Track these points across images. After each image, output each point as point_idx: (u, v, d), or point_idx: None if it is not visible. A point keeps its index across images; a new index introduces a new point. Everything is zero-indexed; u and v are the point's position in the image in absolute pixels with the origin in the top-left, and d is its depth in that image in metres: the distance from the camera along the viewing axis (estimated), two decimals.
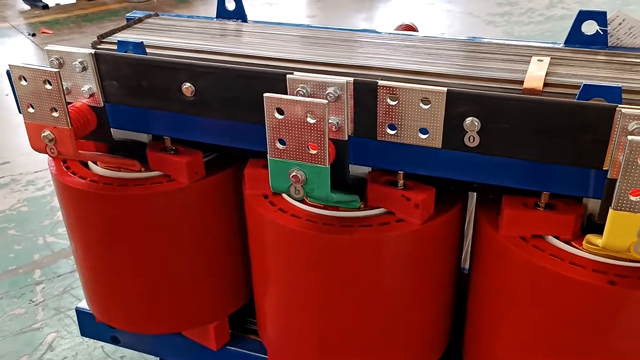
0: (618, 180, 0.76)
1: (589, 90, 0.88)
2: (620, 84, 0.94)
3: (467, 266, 1.26)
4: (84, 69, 1.06)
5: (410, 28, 1.50)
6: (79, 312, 1.52)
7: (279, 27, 1.35)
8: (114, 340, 1.52)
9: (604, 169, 0.85)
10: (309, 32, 1.31)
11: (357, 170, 1.09)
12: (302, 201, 1.10)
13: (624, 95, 0.94)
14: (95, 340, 1.81)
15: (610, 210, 0.78)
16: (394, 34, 1.32)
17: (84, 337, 1.80)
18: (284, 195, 1.13)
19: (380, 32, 1.32)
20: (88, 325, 1.52)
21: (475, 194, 1.17)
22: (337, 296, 1.10)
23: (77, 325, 1.60)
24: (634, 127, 0.79)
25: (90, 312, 1.45)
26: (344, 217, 1.07)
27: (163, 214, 1.22)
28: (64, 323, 1.91)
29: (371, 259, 1.05)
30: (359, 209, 1.08)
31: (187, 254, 1.28)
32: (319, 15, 5.71)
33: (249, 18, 1.41)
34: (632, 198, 0.76)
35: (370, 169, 1.10)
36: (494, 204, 1.08)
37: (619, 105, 0.81)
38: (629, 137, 0.73)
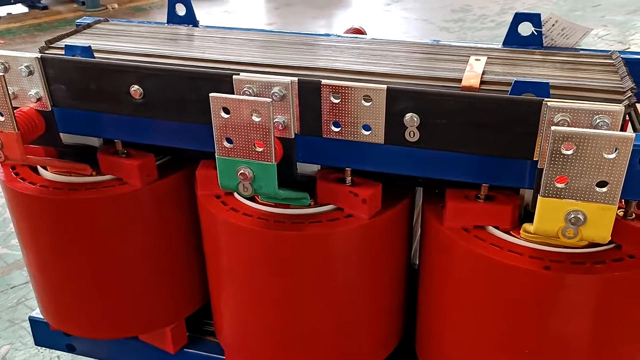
0: (545, 169, 0.81)
1: (520, 86, 0.94)
2: (550, 81, 0.99)
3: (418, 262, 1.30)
4: (31, 73, 1.06)
5: (359, 31, 1.54)
6: (33, 321, 1.50)
7: (230, 31, 1.37)
8: (70, 349, 1.50)
9: (534, 159, 0.90)
10: (258, 35, 1.33)
11: (307, 168, 1.12)
12: (254, 200, 1.13)
13: (554, 91, 0.99)
14: (51, 351, 1.78)
15: (539, 197, 0.83)
16: (342, 36, 1.36)
17: (39, 348, 1.77)
18: (236, 195, 1.15)
19: (329, 35, 1.36)
20: (42, 334, 1.50)
21: (421, 189, 1.22)
22: (290, 293, 1.12)
23: (32, 337, 1.57)
24: (559, 119, 0.84)
25: (45, 320, 1.43)
26: (295, 214, 1.09)
27: (116, 218, 1.22)
28: (19, 335, 1.88)
29: (322, 254, 1.08)
30: (309, 206, 1.10)
31: (141, 257, 1.28)
32: (278, 22, 5.75)
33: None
34: (558, 185, 0.81)
35: (319, 166, 1.13)
36: (439, 198, 1.12)
37: (546, 99, 0.86)
38: (552, 128, 0.78)
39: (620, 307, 0.96)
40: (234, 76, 0.97)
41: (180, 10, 1.42)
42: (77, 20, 1.44)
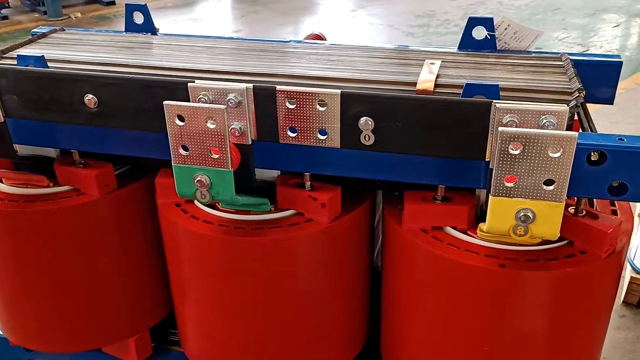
0: (494, 168, 0.83)
1: (471, 89, 0.96)
2: (501, 83, 1.02)
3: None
4: None
5: (319, 37, 1.55)
6: None
7: (188, 39, 1.37)
8: None
9: (486, 160, 0.92)
10: (217, 43, 1.33)
11: (267, 174, 1.12)
12: (214, 207, 1.12)
13: (505, 93, 1.02)
14: None
15: (490, 197, 0.85)
16: (301, 42, 1.37)
17: None
18: (196, 203, 1.14)
19: (289, 42, 1.36)
20: (2, 350, 1.46)
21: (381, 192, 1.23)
22: (252, 299, 1.12)
23: None
24: (508, 120, 0.86)
25: (3, 335, 1.40)
26: (255, 220, 1.09)
27: (74, 229, 1.20)
28: None
29: (282, 259, 1.09)
30: (269, 212, 1.11)
31: (102, 268, 1.26)
32: (244, 30, 5.74)
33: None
34: (507, 184, 0.83)
35: (279, 172, 1.13)
36: (398, 200, 1.14)
37: (494, 101, 0.88)
38: (500, 128, 0.80)
39: (573, 302, 0.98)
40: (189, 84, 0.96)
41: (138, 18, 1.41)
42: (33, 30, 1.42)
